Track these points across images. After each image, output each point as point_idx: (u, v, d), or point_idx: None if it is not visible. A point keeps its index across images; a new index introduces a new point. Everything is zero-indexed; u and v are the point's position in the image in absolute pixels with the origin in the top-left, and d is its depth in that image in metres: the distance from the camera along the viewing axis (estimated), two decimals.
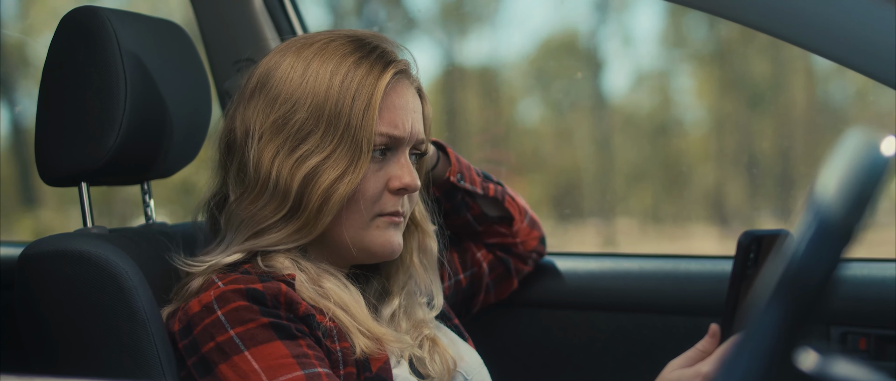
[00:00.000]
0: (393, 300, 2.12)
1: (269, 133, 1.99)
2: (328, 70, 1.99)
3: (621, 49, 4.75)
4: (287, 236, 1.99)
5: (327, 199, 1.96)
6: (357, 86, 1.97)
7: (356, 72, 1.98)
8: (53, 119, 2.12)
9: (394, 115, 2.01)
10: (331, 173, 1.95)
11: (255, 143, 1.99)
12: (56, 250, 1.99)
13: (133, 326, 1.94)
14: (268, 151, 1.98)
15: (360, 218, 2.01)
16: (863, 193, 1.04)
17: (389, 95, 2.01)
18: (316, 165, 1.96)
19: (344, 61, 1.99)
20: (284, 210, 1.97)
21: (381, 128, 1.99)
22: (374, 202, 2.01)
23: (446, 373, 2.07)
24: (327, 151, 1.96)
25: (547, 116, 4.89)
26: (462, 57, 4.71)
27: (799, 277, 1.05)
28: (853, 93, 4.35)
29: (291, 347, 1.86)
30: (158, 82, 2.16)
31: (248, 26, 2.89)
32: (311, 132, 1.97)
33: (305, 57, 2.01)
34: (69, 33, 2.12)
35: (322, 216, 1.97)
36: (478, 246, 2.52)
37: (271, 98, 2.00)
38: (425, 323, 2.13)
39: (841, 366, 1.08)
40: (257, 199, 1.99)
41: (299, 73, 2.00)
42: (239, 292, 1.88)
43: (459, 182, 2.36)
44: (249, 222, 2.00)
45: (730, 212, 4.61)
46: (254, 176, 1.99)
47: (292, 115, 1.97)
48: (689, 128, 4.77)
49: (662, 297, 2.69)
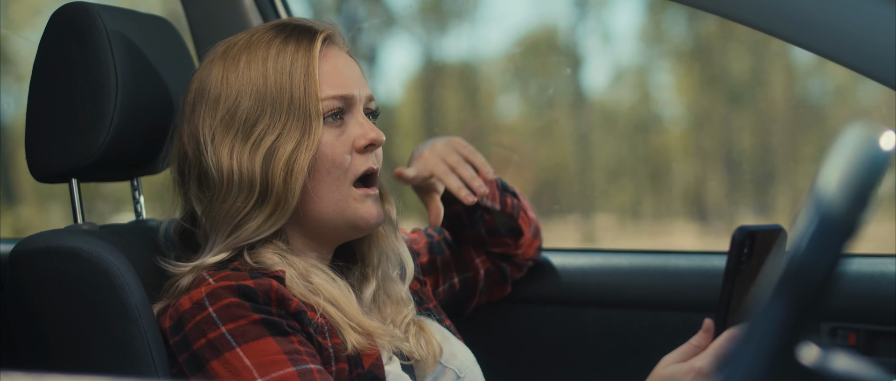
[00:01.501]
0: (371, 282, 2.13)
1: (220, 132, 2.00)
2: (259, 58, 2.01)
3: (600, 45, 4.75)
4: (264, 221, 1.99)
5: (290, 171, 1.97)
6: (291, 61, 2.01)
7: (285, 50, 2.02)
8: (44, 115, 2.11)
9: (335, 78, 2.04)
10: (287, 147, 1.97)
11: (209, 147, 2.00)
12: (47, 246, 1.99)
13: (124, 322, 1.94)
14: (223, 148, 1.99)
15: (337, 188, 2.02)
16: (863, 187, 1.05)
17: (325, 60, 2.05)
18: (271, 144, 1.97)
19: (271, 46, 2.02)
20: (254, 197, 1.98)
21: (328, 92, 2.01)
22: (345, 168, 2.02)
23: (431, 357, 2.08)
24: (278, 128, 1.98)
25: (526, 112, 4.89)
26: (441, 54, 4.71)
27: (801, 272, 1.05)
28: (833, 89, 4.37)
29: (283, 343, 1.86)
30: (149, 78, 2.16)
31: (237, 22, 2.89)
32: (260, 117, 1.99)
33: (234, 56, 2.04)
34: (60, 29, 2.11)
35: (290, 189, 1.98)
36: (477, 252, 2.53)
37: (213, 101, 2.02)
38: (404, 302, 2.15)
39: (842, 361, 1.09)
40: (227, 197, 1.99)
41: (233, 71, 2.02)
42: (230, 289, 1.88)
43: (483, 200, 2.37)
44: (225, 219, 2.00)
45: (709, 208, 4.62)
46: (218, 178, 2.00)
47: (237, 107, 1.99)
48: (669, 124, 4.78)
49: (652, 293, 2.70)
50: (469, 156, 2.36)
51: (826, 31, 1.76)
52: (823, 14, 1.75)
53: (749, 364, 1.07)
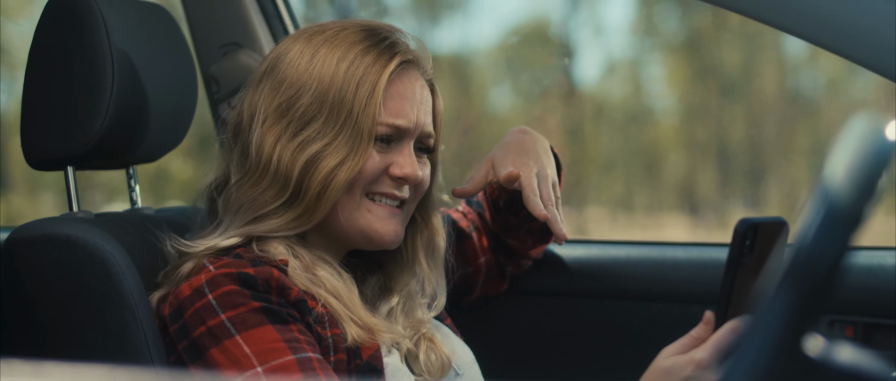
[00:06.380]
0: (392, 298, 2.11)
1: (273, 117, 1.98)
2: (335, 57, 1.98)
3: (593, 38, 4.76)
4: (286, 223, 1.98)
5: (327, 186, 1.94)
6: (362, 73, 1.96)
7: (363, 60, 1.97)
8: (40, 103, 2.10)
9: (398, 105, 2.00)
10: (331, 161, 1.94)
11: (258, 126, 1.99)
12: (43, 234, 1.98)
13: (121, 311, 1.93)
14: (270, 135, 1.97)
15: (355, 196, 1.99)
16: (869, 178, 1.05)
17: (395, 84, 2.00)
18: (317, 152, 1.95)
19: (352, 49, 1.98)
20: (285, 196, 1.96)
21: (385, 117, 1.98)
22: (370, 183, 1.99)
23: (440, 371, 2.07)
24: (328, 137, 1.95)
25: (518, 104, 4.90)
26: (433, 45, 4.70)
27: (808, 262, 1.05)
28: (825, 82, 4.39)
29: (282, 331, 1.85)
30: (145, 66, 2.15)
31: (234, 10, 2.87)
32: (314, 118, 1.96)
33: (315, 43, 2.00)
34: (56, 16, 2.10)
35: (322, 204, 1.96)
36: (483, 249, 2.51)
37: (278, 82, 1.99)
38: (423, 323, 2.11)
39: (846, 352, 1.09)
40: (258, 183, 1.98)
41: (307, 58, 1.99)
42: (230, 277, 1.88)
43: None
44: (249, 206, 1.99)
45: (700, 201, 4.63)
46: (255, 160, 1.98)
47: (296, 100, 1.97)
48: (661, 117, 4.79)
49: (649, 284, 2.70)
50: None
51: (824, 22, 1.76)
52: (822, 3, 1.75)
53: (754, 355, 1.06)
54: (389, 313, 2.08)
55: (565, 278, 2.74)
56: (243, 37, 2.84)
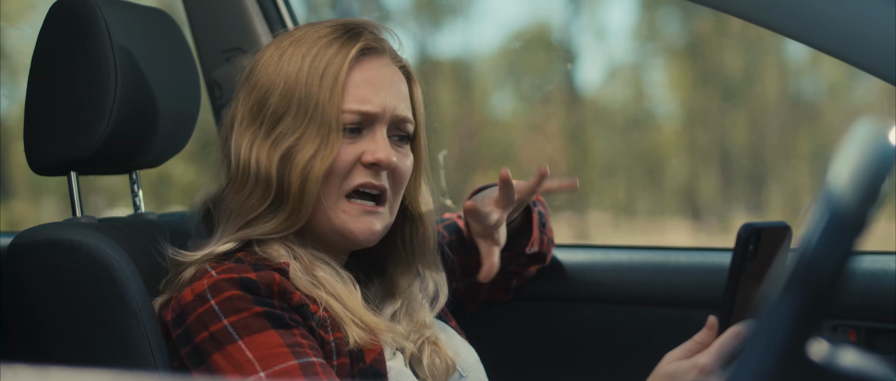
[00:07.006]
0: (395, 301, 2.11)
1: (248, 120, 1.99)
2: (301, 53, 1.99)
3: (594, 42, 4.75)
4: (278, 225, 1.98)
5: (305, 179, 1.95)
6: (325, 64, 1.97)
7: (326, 51, 1.99)
8: (43, 108, 2.10)
9: (363, 91, 2.00)
10: (305, 154, 1.95)
11: (235, 131, 2.00)
12: (46, 239, 1.98)
13: (124, 316, 1.94)
14: (245, 137, 1.98)
15: (328, 196, 1.99)
16: (872, 183, 1.05)
17: (358, 70, 2.00)
18: (290, 146, 1.95)
19: (316, 44, 2.00)
20: (270, 198, 1.97)
21: (350, 104, 1.98)
22: (344, 176, 1.99)
23: (445, 375, 2.06)
24: (299, 131, 1.96)
25: (520, 108, 4.89)
26: (435, 49, 4.70)
27: (811, 267, 1.05)
28: (826, 87, 4.38)
29: (285, 336, 1.85)
30: (148, 71, 2.15)
31: (236, 15, 2.88)
32: (284, 115, 1.97)
33: (284, 45, 2.03)
34: (59, 21, 2.11)
35: (305, 199, 1.96)
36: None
37: (251, 87, 2.01)
38: (426, 325, 2.11)
39: (850, 357, 1.09)
40: (242, 188, 1.99)
41: (276, 59, 2.01)
42: (232, 282, 1.88)
43: (530, 250, 2.42)
44: (238, 212, 1.99)
45: (703, 206, 4.62)
46: (235, 164, 1.99)
47: (267, 99, 1.98)
48: (662, 121, 4.78)
49: (652, 289, 2.70)
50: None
51: (825, 26, 1.76)
52: (822, 8, 1.75)
53: (758, 360, 1.06)
54: (393, 316, 2.09)
55: (568, 283, 2.74)
56: (246, 42, 2.84)
